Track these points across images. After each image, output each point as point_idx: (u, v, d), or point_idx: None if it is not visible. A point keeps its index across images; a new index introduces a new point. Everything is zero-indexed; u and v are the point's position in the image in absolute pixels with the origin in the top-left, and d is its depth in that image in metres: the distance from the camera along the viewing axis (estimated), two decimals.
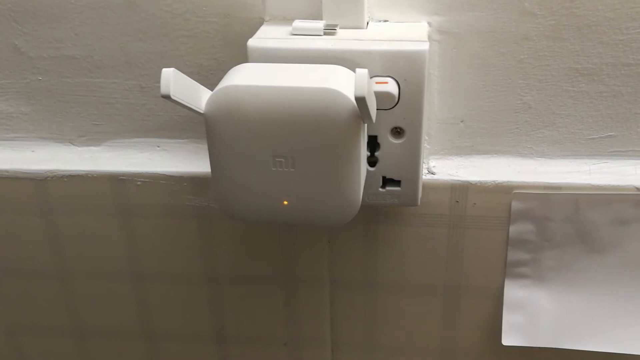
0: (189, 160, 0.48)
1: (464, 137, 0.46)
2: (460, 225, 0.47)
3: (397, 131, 0.41)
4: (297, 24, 0.40)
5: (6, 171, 0.49)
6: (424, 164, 0.46)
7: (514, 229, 0.46)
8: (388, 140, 0.41)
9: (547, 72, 0.43)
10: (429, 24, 0.42)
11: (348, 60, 0.38)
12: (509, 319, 0.49)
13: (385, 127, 0.41)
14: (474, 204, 0.46)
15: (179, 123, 0.48)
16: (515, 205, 0.46)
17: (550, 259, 0.47)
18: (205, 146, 0.37)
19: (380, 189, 0.43)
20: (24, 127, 0.49)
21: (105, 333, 0.55)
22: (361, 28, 0.41)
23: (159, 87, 0.32)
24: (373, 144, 0.41)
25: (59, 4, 0.44)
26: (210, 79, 0.45)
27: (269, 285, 0.51)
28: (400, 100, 0.40)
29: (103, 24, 0.44)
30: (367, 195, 0.43)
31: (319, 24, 0.40)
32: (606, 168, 0.46)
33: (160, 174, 0.48)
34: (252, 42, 0.39)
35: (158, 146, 0.49)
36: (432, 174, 0.46)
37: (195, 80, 0.36)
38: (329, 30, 0.40)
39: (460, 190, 0.46)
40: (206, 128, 0.36)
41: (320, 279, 0.51)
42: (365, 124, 0.38)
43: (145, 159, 0.49)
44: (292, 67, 0.37)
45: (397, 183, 0.43)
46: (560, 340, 0.49)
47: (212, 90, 0.36)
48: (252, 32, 0.41)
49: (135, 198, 0.48)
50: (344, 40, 0.39)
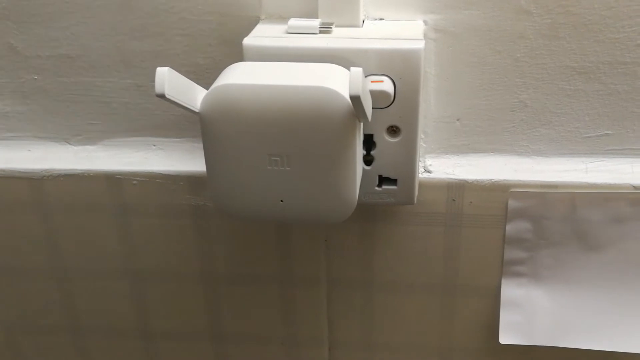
0: (185, 159, 0.48)
1: (460, 136, 0.46)
2: (457, 224, 0.47)
3: (393, 130, 0.41)
4: (293, 22, 0.40)
5: (2, 170, 0.48)
6: (420, 163, 0.46)
7: (510, 228, 0.46)
8: (384, 139, 0.41)
9: (544, 71, 0.43)
10: (425, 22, 0.42)
11: (344, 58, 0.38)
12: (506, 318, 0.49)
13: (381, 126, 0.41)
14: (471, 202, 0.46)
15: (175, 122, 0.48)
16: (512, 203, 0.46)
17: (547, 257, 0.47)
18: (201, 145, 0.37)
19: (377, 188, 0.43)
20: (20, 127, 0.49)
21: (103, 331, 0.55)
22: (357, 26, 0.41)
23: (154, 87, 0.32)
24: (369, 142, 0.41)
25: (54, 3, 0.44)
26: (205, 78, 0.45)
27: (266, 284, 0.51)
28: (396, 99, 0.39)
29: (99, 23, 0.44)
30: (363, 194, 0.43)
31: (315, 23, 0.40)
32: (603, 166, 0.46)
33: (156, 173, 0.47)
34: (248, 41, 0.39)
35: (154, 145, 0.49)
36: (429, 172, 0.46)
37: (191, 79, 0.36)
38: (325, 28, 0.40)
39: (457, 188, 0.46)
40: (201, 127, 0.36)
41: (317, 278, 0.51)
42: (361, 123, 0.38)
43: (141, 158, 0.49)
44: (288, 66, 0.37)
45: (393, 182, 0.43)
46: (557, 339, 0.49)
47: (208, 89, 0.36)
48: (248, 31, 0.41)
49: (132, 197, 0.48)
50: (340, 38, 0.39)
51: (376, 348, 0.53)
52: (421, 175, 0.46)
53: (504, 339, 0.49)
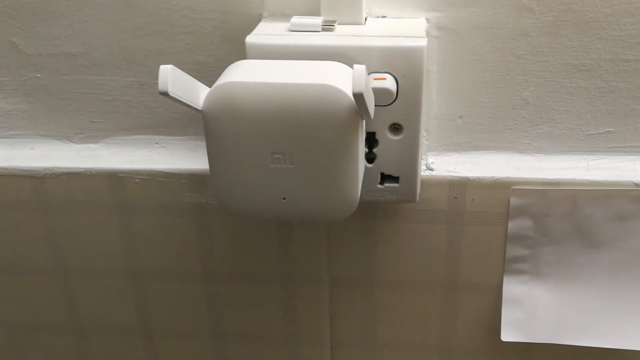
0: (187, 158, 0.48)
1: (463, 133, 0.46)
2: (459, 222, 0.47)
3: (396, 127, 0.41)
4: (295, 20, 0.40)
5: (5, 169, 0.49)
6: (422, 160, 0.46)
7: (512, 225, 0.46)
8: (386, 137, 0.41)
9: (545, 68, 0.43)
10: (427, 20, 0.42)
11: (346, 56, 0.38)
12: (507, 315, 0.49)
13: (384, 124, 0.41)
14: (473, 200, 0.46)
15: (177, 120, 0.48)
16: (514, 201, 0.46)
17: (548, 254, 0.47)
18: (204, 143, 0.37)
19: (379, 185, 0.43)
20: (22, 125, 0.49)
21: (104, 330, 0.55)
22: (359, 24, 0.41)
23: (157, 84, 0.32)
24: (371, 140, 0.41)
25: (56, 1, 0.44)
26: (208, 76, 0.45)
27: (268, 282, 0.51)
28: (398, 97, 0.40)
29: (101, 21, 0.44)
30: (366, 192, 0.43)
31: (317, 20, 0.40)
32: (604, 164, 0.46)
33: (159, 171, 0.47)
34: (251, 39, 0.39)
35: (156, 143, 0.49)
36: (431, 170, 0.46)
37: (194, 77, 0.36)
38: (327, 26, 0.40)
39: (459, 186, 0.46)
40: (204, 125, 0.36)
41: (318, 276, 0.51)
42: (364, 120, 0.38)
43: (143, 156, 0.49)
44: (291, 64, 0.37)
45: (396, 179, 0.43)
46: (559, 336, 0.49)
47: (210, 87, 0.36)
48: (250, 29, 0.41)
49: (134, 195, 0.48)
50: (342, 36, 0.39)
51: (378, 346, 0.53)
52: (423, 172, 0.46)
53: (506, 336, 0.49)
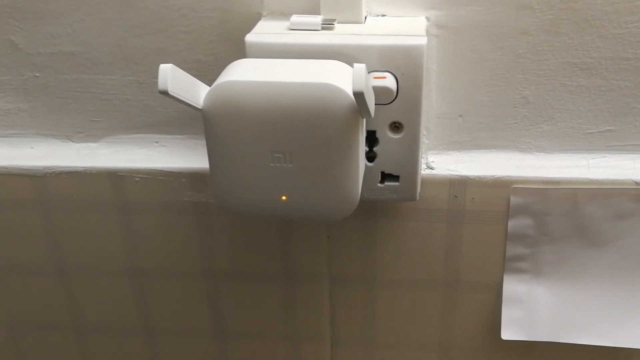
0: (187, 156, 0.48)
1: (463, 132, 0.46)
2: (459, 220, 0.47)
3: (396, 126, 0.41)
4: (295, 18, 0.40)
5: (4, 168, 0.49)
6: (422, 159, 0.46)
7: (512, 224, 0.46)
8: (387, 135, 0.41)
9: (546, 67, 0.43)
10: (427, 18, 0.42)
11: (346, 55, 0.38)
12: (508, 314, 0.49)
13: (384, 122, 0.41)
14: (473, 198, 0.46)
15: (177, 119, 0.48)
16: (514, 200, 0.46)
17: (549, 253, 0.47)
18: (204, 142, 0.37)
19: (379, 184, 0.43)
20: (22, 124, 0.49)
21: (105, 329, 0.55)
22: (359, 23, 0.41)
23: (157, 83, 0.32)
24: (372, 139, 0.41)
25: (55, 0, 0.44)
26: (208, 75, 0.45)
27: (268, 280, 0.51)
28: (398, 95, 0.39)
29: (100, 20, 0.44)
30: (366, 191, 0.43)
31: (317, 19, 0.40)
32: (605, 162, 0.46)
33: (159, 170, 0.47)
34: (250, 38, 0.39)
35: (156, 142, 0.49)
36: (431, 168, 0.46)
37: (193, 76, 0.36)
38: (327, 25, 0.40)
39: (459, 185, 0.46)
40: (204, 124, 0.36)
41: (319, 274, 0.51)
42: (364, 119, 0.38)
43: (143, 155, 0.49)
44: (290, 63, 0.37)
45: (396, 178, 0.43)
46: (559, 335, 0.49)
47: (210, 86, 0.36)
48: (250, 28, 0.41)
49: (134, 194, 0.48)
50: (342, 35, 0.39)
51: (378, 344, 0.53)
52: (423, 171, 0.46)
53: (506, 334, 0.49)
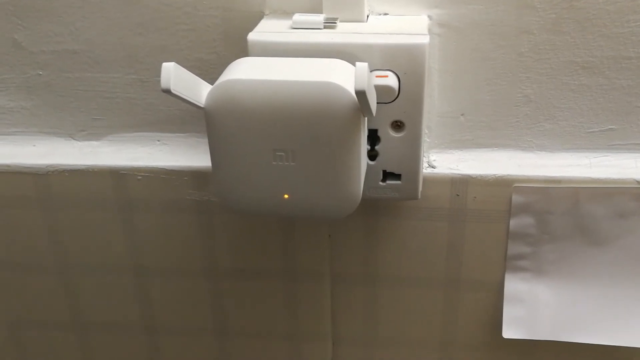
0: (189, 155, 0.48)
1: (465, 131, 0.46)
2: (461, 219, 0.47)
3: (398, 125, 0.41)
4: (297, 17, 0.40)
5: (7, 166, 0.49)
6: (424, 158, 0.46)
7: (514, 223, 0.46)
8: (388, 134, 0.41)
9: (548, 66, 0.43)
10: (429, 17, 0.42)
11: (348, 53, 0.38)
12: (509, 312, 0.49)
13: (386, 121, 0.41)
14: (474, 197, 0.46)
15: (179, 117, 0.48)
16: (516, 198, 0.46)
17: (550, 252, 0.47)
18: (206, 140, 0.37)
19: (381, 183, 0.43)
20: (25, 122, 0.50)
21: (107, 327, 0.55)
22: (361, 21, 0.41)
23: (159, 82, 0.32)
24: (373, 137, 0.41)
25: None
26: (210, 73, 0.45)
27: (270, 279, 0.51)
28: (400, 94, 0.40)
29: (103, 18, 0.44)
30: (368, 189, 0.43)
31: (319, 18, 0.40)
32: (606, 161, 0.46)
33: (161, 169, 0.48)
34: (253, 36, 0.39)
35: (158, 140, 0.49)
36: (433, 167, 0.46)
37: (196, 75, 0.36)
38: (329, 23, 0.40)
39: (461, 183, 0.46)
40: (206, 122, 0.36)
41: (320, 273, 0.51)
42: (366, 118, 0.38)
43: (145, 153, 0.49)
44: (293, 61, 0.37)
45: (398, 177, 0.43)
46: (560, 333, 0.49)
47: (213, 85, 0.36)
48: (253, 26, 0.41)
49: (136, 192, 0.49)
50: (344, 33, 0.39)
51: (379, 342, 0.53)
52: (425, 170, 0.46)
53: (507, 333, 0.49)
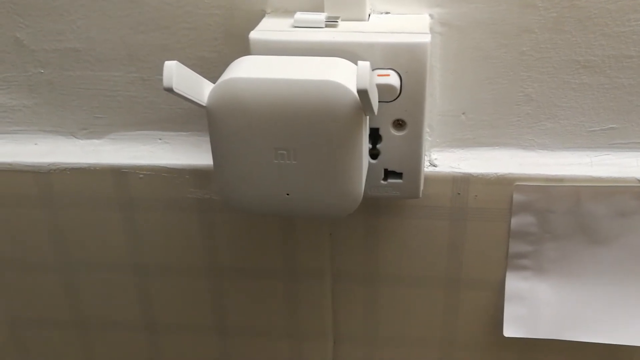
0: (190, 153, 0.48)
1: (466, 130, 0.46)
2: (462, 218, 0.47)
3: (399, 123, 0.41)
4: (299, 16, 0.40)
5: (9, 164, 0.49)
6: (425, 156, 0.46)
7: (515, 221, 0.47)
8: (390, 133, 0.41)
9: (549, 65, 0.43)
10: (431, 16, 0.42)
11: (350, 52, 0.38)
12: (510, 311, 0.49)
13: (387, 120, 0.41)
14: (476, 196, 0.46)
15: (181, 116, 0.48)
16: (517, 197, 0.46)
17: (551, 250, 0.47)
18: (207, 139, 0.37)
19: (382, 182, 0.43)
20: (26, 120, 0.50)
21: (108, 325, 0.55)
22: (363, 20, 0.41)
23: (161, 80, 0.33)
24: (375, 136, 0.41)
25: None
26: (212, 72, 0.45)
27: (271, 277, 0.51)
28: (402, 93, 0.40)
29: (104, 16, 0.44)
30: (369, 188, 0.43)
31: (321, 16, 0.40)
32: (607, 160, 0.46)
33: (162, 167, 0.48)
34: (254, 35, 0.39)
35: (160, 139, 0.49)
36: (434, 166, 0.46)
37: (197, 73, 0.36)
38: (331, 22, 0.40)
39: (462, 182, 0.46)
40: (208, 121, 0.36)
41: (321, 271, 0.51)
42: (367, 117, 0.38)
43: (147, 151, 0.49)
44: (294, 60, 0.37)
45: (399, 175, 0.43)
46: (561, 332, 0.49)
47: (214, 83, 0.36)
48: (254, 25, 0.41)
49: (138, 191, 0.49)
50: (346, 32, 0.39)
51: (380, 341, 0.54)
52: (426, 168, 0.46)
53: (508, 331, 0.49)
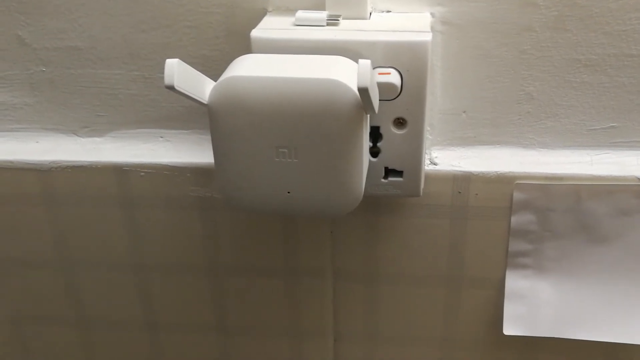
0: (192, 151, 0.48)
1: (466, 128, 0.46)
2: (462, 216, 0.47)
3: (400, 122, 0.41)
4: (300, 14, 0.40)
5: (10, 162, 0.49)
6: (426, 155, 0.46)
7: (515, 220, 0.47)
8: (390, 131, 0.41)
9: (550, 63, 0.43)
10: (432, 14, 0.42)
11: (351, 50, 0.38)
12: (510, 309, 0.49)
13: (388, 118, 0.41)
14: (476, 194, 0.46)
15: (182, 114, 0.48)
16: (517, 195, 0.46)
17: (551, 249, 0.47)
18: (209, 137, 0.37)
19: (383, 180, 0.43)
20: (28, 118, 0.50)
21: (109, 324, 0.55)
22: (364, 18, 0.41)
23: (163, 78, 0.33)
24: (375, 134, 0.41)
25: None
26: (213, 70, 0.45)
27: (272, 276, 0.52)
28: (402, 91, 0.40)
29: (106, 15, 0.44)
30: (369, 186, 0.43)
31: (322, 15, 0.40)
32: (608, 159, 0.46)
33: (164, 165, 0.48)
34: (256, 33, 0.39)
35: (161, 137, 0.49)
36: (435, 164, 0.46)
37: (199, 71, 0.36)
38: (332, 20, 0.40)
39: (463, 180, 0.46)
40: (209, 119, 0.36)
41: (322, 270, 0.51)
42: (368, 115, 0.38)
43: (148, 149, 0.49)
44: (296, 58, 0.37)
45: (400, 174, 0.43)
46: (561, 330, 0.49)
47: (216, 81, 0.36)
48: (256, 23, 0.41)
49: (139, 189, 0.49)
50: (347, 30, 0.39)
51: (381, 339, 0.54)
52: (427, 167, 0.46)
53: (508, 330, 0.49)
